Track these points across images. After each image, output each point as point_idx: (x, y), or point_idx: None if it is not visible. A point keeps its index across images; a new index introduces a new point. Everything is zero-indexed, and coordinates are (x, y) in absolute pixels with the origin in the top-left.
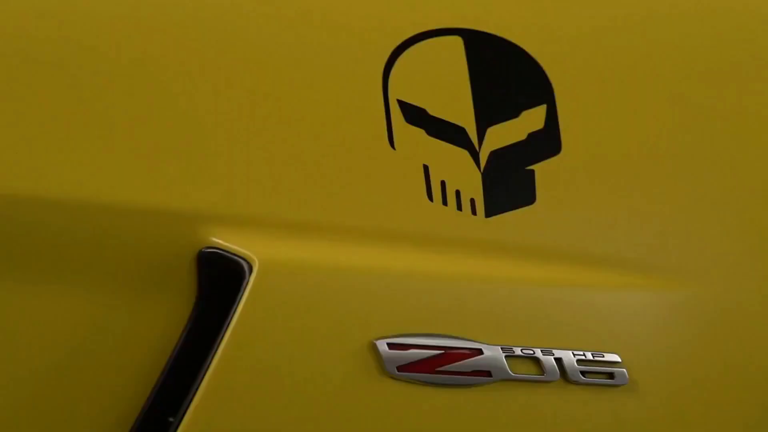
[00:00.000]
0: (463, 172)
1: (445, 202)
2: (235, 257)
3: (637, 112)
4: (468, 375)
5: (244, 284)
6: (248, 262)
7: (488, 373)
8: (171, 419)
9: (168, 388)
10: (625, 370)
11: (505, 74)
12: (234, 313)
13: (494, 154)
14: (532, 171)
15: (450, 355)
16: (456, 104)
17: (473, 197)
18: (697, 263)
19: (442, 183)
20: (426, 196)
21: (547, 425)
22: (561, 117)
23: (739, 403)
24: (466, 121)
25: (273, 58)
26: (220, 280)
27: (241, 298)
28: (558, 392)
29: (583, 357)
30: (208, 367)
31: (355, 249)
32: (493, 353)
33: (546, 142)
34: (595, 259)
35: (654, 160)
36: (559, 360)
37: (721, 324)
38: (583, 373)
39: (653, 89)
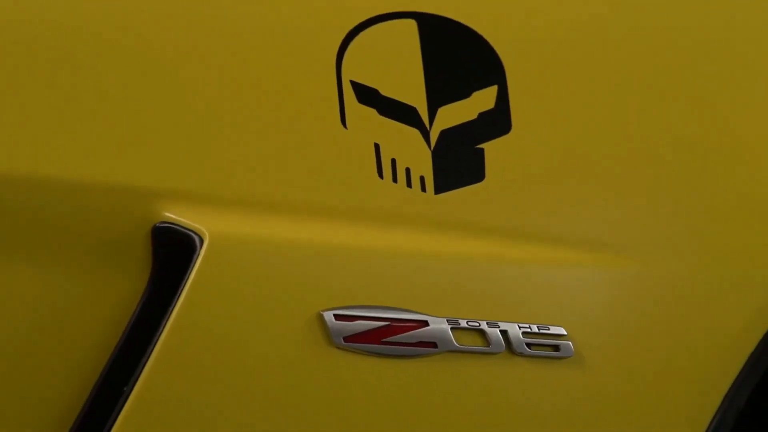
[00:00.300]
0: (413, 151)
1: (395, 180)
2: (187, 231)
3: (587, 92)
4: (413, 346)
5: (195, 257)
6: (199, 236)
7: (434, 345)
8: (125, 388)
9: (123, 359)
10: (570, 342)
11: (457, 56)
12: (184, 285)
13: (445, 133)
14: (482, 149)
15: (396, 326)
16: (408, 85)
17: (423, 174)
18: (644, 241)
19: (393, 161)
20: (376, 174)
21: (492, 395)
22: (512, 97)
23: (681, 378)
24: (418, 101)
25: (228, 37)
26: (173, 253)
27: (191, 271)
28: (504, 364)
29: (529, 330)
30: (159, 337)
31: (304, 224)
32: (438, 325)
33: (496, 121)
34: (542, 235)
35: (602, 140)
36: (504, 332)
37: (666, 300)
38: (528, 345)
39: (603, 70)
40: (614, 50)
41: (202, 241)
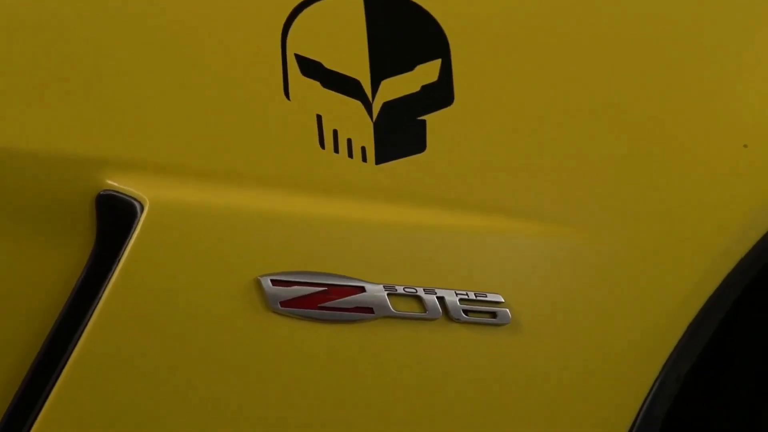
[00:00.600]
0: (355, 122)
1: (336, 150)
2: (128, 198)
3: (529, 66)
4: (350, 311)
5: (135, 223)
6: (140, 203)
7: (370, 310)
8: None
9: (68, 321)
10: (507, 310)
11: (402, 30)
12: (124, 251)
13: (387, 105)
14: (424, 121)
15: (333, 291)
16: (352, 58)
17: (364, 145)
18: (585, 213)
19: (335, 132)
20: (318, 144)
21: (429, 361)
22: (455, 70)
23: (619, 345)
24: (361, 73)
25: (174, 7)
26: (115, 221)
27: (131, 237)
28: (440, 330)
29: (466, 296)
30: (98, 302)
31: (244, 192)
32: (375, 291)
33: (439, 94)
34: (482, 205)
35: (543, 113)
36: (441, 299)
37: (605, 271)
38: (465, 311)
39: (546, 44)
40: (559, 24)
41: (143, 208)
